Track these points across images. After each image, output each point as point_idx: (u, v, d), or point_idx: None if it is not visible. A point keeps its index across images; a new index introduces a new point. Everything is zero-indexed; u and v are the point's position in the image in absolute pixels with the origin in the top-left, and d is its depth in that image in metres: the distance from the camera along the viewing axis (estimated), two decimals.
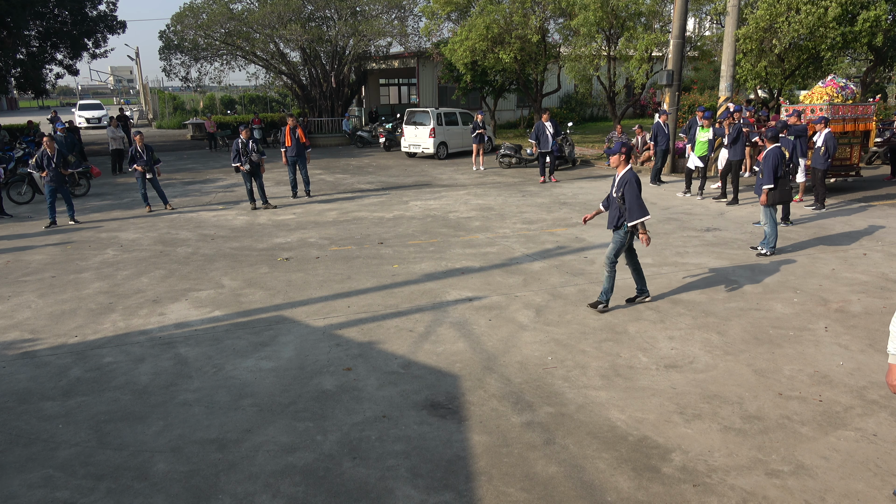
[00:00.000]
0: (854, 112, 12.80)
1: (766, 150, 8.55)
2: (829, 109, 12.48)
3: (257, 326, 6.45)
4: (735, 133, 11.99)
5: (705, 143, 12.74)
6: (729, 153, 12.23)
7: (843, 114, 12.68)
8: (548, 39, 21.31)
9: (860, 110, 12.90)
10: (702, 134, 12.78)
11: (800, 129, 11.76)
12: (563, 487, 3.83)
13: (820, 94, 12.92)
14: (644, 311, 6.68)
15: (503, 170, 17.93)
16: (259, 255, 9.15)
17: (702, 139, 12.78)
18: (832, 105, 12.54)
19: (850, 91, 12.92)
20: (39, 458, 4.22)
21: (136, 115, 45.09)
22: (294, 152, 13.48)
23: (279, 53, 25.40)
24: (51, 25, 24.23)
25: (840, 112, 12.63)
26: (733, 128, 12.06)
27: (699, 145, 12.84)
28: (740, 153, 12.13)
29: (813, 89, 13.32)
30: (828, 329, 6.15)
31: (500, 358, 5.61)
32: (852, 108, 12.79)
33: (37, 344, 6.13)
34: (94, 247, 9.87)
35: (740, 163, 12.33)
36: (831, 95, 12.77)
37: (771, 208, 8.45)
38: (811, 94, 13.26)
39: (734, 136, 11.99)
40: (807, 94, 13.51)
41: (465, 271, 8.17)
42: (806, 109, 12.95)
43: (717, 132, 12.50)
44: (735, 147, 12.05)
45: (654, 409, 4.71)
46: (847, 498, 3.70)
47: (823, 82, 13.14)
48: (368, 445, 4.29)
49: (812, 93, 13.23)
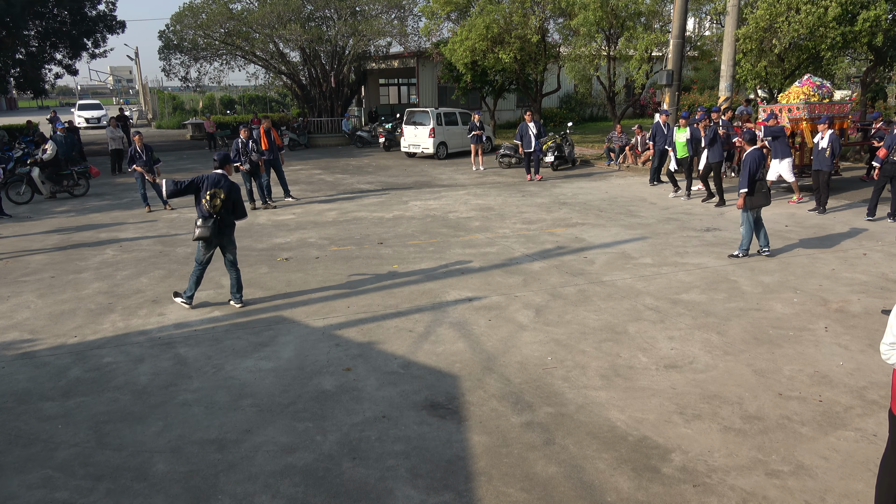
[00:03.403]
0: (831, 111, 12.66)
1: (745, 152, 8.50)
2: (805, 108, 12.38)
3: (257, 326, 6.45)
4: (711, 134, 11.89)
5: (684, 144, 12.66)
6: (707, 155, 12.13)
7: (820, 112, 12.51)
8: (547, 39, 21.31)
9: (837, 109, 12.75)
10: (679, 134, 12.71)
11: (776, 129, 11.68)
12: (563, 488, 3.83)
13: (797, 94, 12.80)
14: (644, 311, 6.68)
15: (503, 170, 17.92)
16: (259, 255, 9.14)
17: (680, 140, 12.71)
18: (808, 104, 12.41)
19: (827, 90, 12.79)
20: (39, 459, 4.21)
21: (136, 114, 45.05)
22: (271, 155, 13.06)
23: (279, 53, 25.39)
24: (50, 25, 24.22)
25: (816, 111, 12.49)
26: (709, 129, 11.97)
27: (678, 146, 12.76)
28: (718, 154, 12.02)
29: (790, 89, 13.24)
30: (828, 329, 6.14)
31: (499, 358, 5.61)
32: (829, 107, 12.65)
33: (36, 344, 6.12)
34: (94, 247, 9.86)
35: (720, 164, 12.19)
36: (808, 94, 12.64)
37: (748, 212, 8.31)
38: (788, 93, 13.17)
39: (710, 138, 11.89)
40: (784, 94, 13.44)
41: (464, 271, 8.17)
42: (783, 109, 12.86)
43: (694, 133, 12.44)
44: (713, 149, 11.95)
45: (654, 409, 4.70)
46: (847, 498, 3.70)
47: (800, 82, 13.01)
48: (368, 446, 4.29)
49: (789, 92, 13.12)
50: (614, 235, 9.94)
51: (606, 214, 11.56)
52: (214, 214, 6.65)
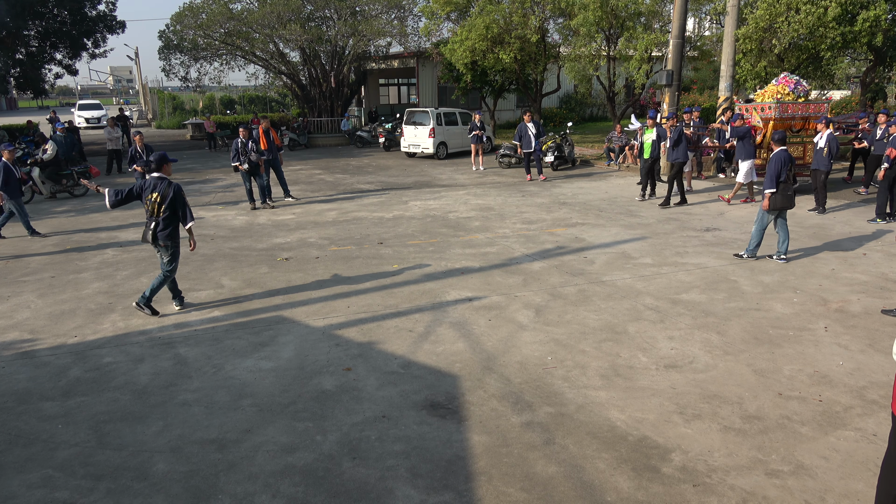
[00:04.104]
0: (805, 110, 12.51)
1: (772, 153, 8.38)
2: (777, 107, 12.29)
3: (257, 326, 6.45)
4: (676, 135, 11.82)
5: (650, 145, 12.58)
6: (670, 155, 12.04)
7: (793, 112, 12.41)
8: (547, 39, 21.32)
9: (812, 108, 12.60)
10: (647, 135, 12.66)
11: (742, 130, 11.64)
12: (563, 487, 3.83)
13: (772, 93, 12.71)
14: (644, 311, 6.68)
15: (503, 170, 17.92)
16: (259, 255, 9.14)
17: (647, 140, 12.64)
18: (780, 103, 12.31)
19: (803, 88, 12.67)
20: (39, 459, 4.21)
21: (136, 115, 45.06)
22: (270, 155, 13.07)
23: (279, 53, 25.39)
24: (50, 25, 24.21)
25: (790, 110, 12.37)
26: (674, 130, 11.91)
27: (644, 146, 12.70)
28: (683, 155, 11.94)
29: (766, 88, 13.16)
30: (827, 329, 6.15)
31: (499, 358, 5.61)
32: (803, 107, 12.49)
33: (36, 344, 6.12)
34: (94, 247, 9.86)
35: (682, 164, 12.11)
36: (782, 93, 12.54)
37: (766, 213, 8.25)
38: (763, 92, 13.07)
39: (675, 139, 11.82)
40: (759, 94, 13.37)
41: (464, 271, 8.17)
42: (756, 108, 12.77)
43: (661, 133, 12.38)
44: (677, 149, 11.88)
45: (653, 409, 4.71)
46: (847, 498, 3.70)
47: (776, 80, 12.92)
48: (368, 445, 4.29)
49: (764, 91, 13.04)
50: (614, 235, 9.94)
51: (606, 214, 11.56)
52: (155, 217, 6.56)
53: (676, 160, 12.03)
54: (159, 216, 6.56)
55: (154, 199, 6.55)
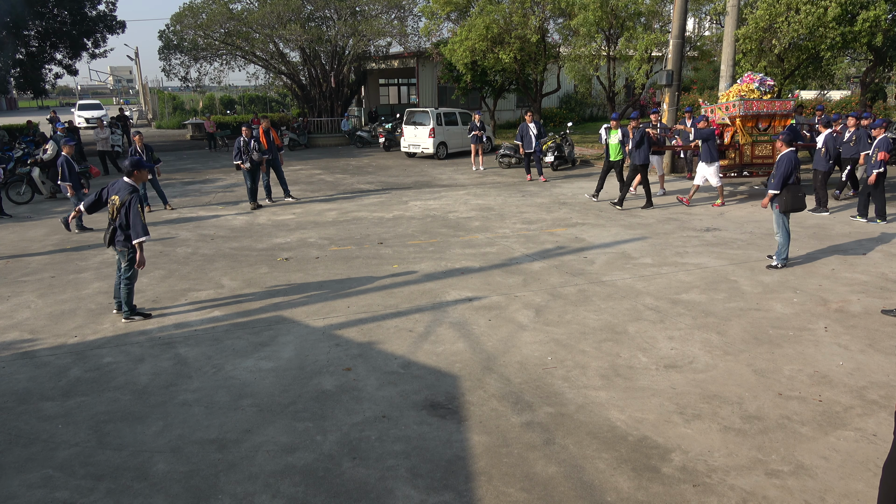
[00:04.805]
0: (770, 107, 12.39)
1: (781, 153, 8.25)
2: (740, 105, 12.22)
3: (257, 326, 6.45)
4: (638, 137, 11.70)
5: (617, 146, 12.41)
6: (633, 157, 11.88)
7: (758, 109, 12.30)
8: (547, 39, 21.31)
9: (777, 106, 12.48)
10: (612, 136, 12.48)
11: (706, 132, 11.58)
12: (563, 487, 3.83)
13: (736, 92, 12.63)
14: (644, 311, 6.68)
15: (503, 170, 17.93)
16: (259, 256, 9.14)
17: (612, 142, 12.46)
18: (743, 100, 12.23)
19: (769, 85, 12.54)
20: (39, 459, 4.21)
21: (136, 115, 45.07)
22: (270, 155, 13.04)
23: (279, 53, 25.39)
24: (50, 25, 24.22)
25: (754, 107, 12.26)
26: (637, 132, 11.78)
27: (611, 148, 12.49)
28: (644, 157, 11.81)
29: (731, 87, 13.07)
30: (827, 329, 6.15)
31: (499, 358, 5.61)
32: (768, 104, 12.37)
33: (36, 344, 6.13)
34: (94, 247, 9.86)
35: (645, 167, 11.98)
36: (745, 91, 12.44)
37: (784, 217, 8.09)
38: (728, 92, 12.99)
39: (637, 140, 11.69)
40: (724, 94, 13.27)
41: (464, 271, 8.17)
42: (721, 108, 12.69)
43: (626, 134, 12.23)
44: (639, 151, 11.75)
45: (653, 409, 4.71)
46: (847, 498, 3.70)
47: (741, 80, 12.82)
48: (368, 445, 4.29)
49: (729, 91, 12.95)
50: (614, 235, 9.95)
51: (606, 214, 11.56)
52: (112, 221, 6.53)
53: (638, 162, 11.84)
54: (115, 221, 6.52)
55: (114, 202, 6.52)
